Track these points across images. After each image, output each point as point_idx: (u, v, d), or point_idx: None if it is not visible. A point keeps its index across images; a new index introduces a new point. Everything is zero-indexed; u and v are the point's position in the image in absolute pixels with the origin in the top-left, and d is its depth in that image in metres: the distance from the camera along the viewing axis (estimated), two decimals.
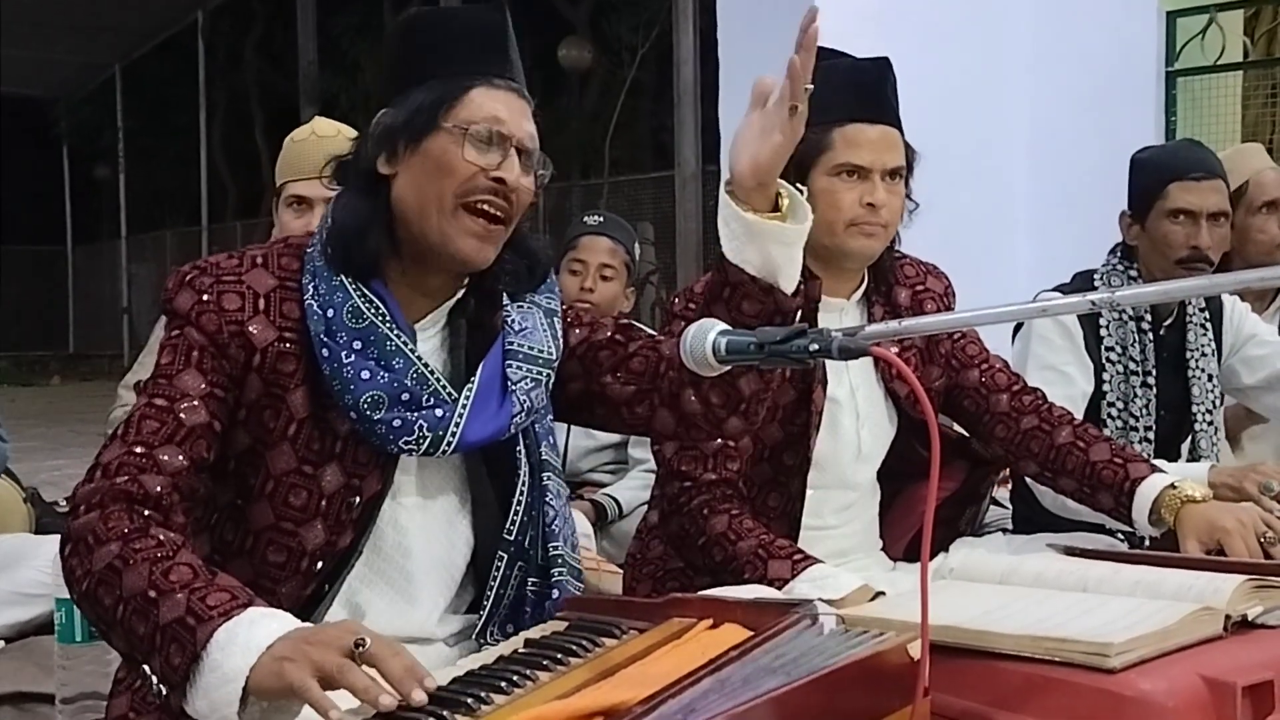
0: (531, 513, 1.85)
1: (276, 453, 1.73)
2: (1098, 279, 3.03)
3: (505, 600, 1.84)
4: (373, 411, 1.71)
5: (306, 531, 1.74)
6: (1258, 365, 3.13)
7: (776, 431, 2.38)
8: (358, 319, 1.73)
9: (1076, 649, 1.53)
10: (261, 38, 20.50)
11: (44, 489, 4.64)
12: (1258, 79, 5.91)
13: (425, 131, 1.74)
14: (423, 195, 1.74)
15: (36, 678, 3.09)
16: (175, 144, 21.40)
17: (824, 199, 2.34)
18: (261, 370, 1.72)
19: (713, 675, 1.38)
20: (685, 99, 11.39)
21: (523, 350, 1.82)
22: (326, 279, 1.75)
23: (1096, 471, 2.41)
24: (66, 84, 22.02)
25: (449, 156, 1.74)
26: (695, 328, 1.75)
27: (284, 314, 1.74)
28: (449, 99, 1.75)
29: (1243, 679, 1.51)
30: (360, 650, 1.39)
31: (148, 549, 1.54)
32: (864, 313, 2.49)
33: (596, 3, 17.42)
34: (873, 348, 1.62)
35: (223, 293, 1.73)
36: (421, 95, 1.75)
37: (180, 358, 1.71)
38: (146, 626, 1.48)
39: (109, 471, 1.63)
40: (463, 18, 1.81)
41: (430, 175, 1.74)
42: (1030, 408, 2.52)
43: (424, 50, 1.79)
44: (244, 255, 1.77)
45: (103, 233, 23.96)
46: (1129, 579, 1.79)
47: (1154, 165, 3.03)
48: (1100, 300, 2.07)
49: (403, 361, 1.73)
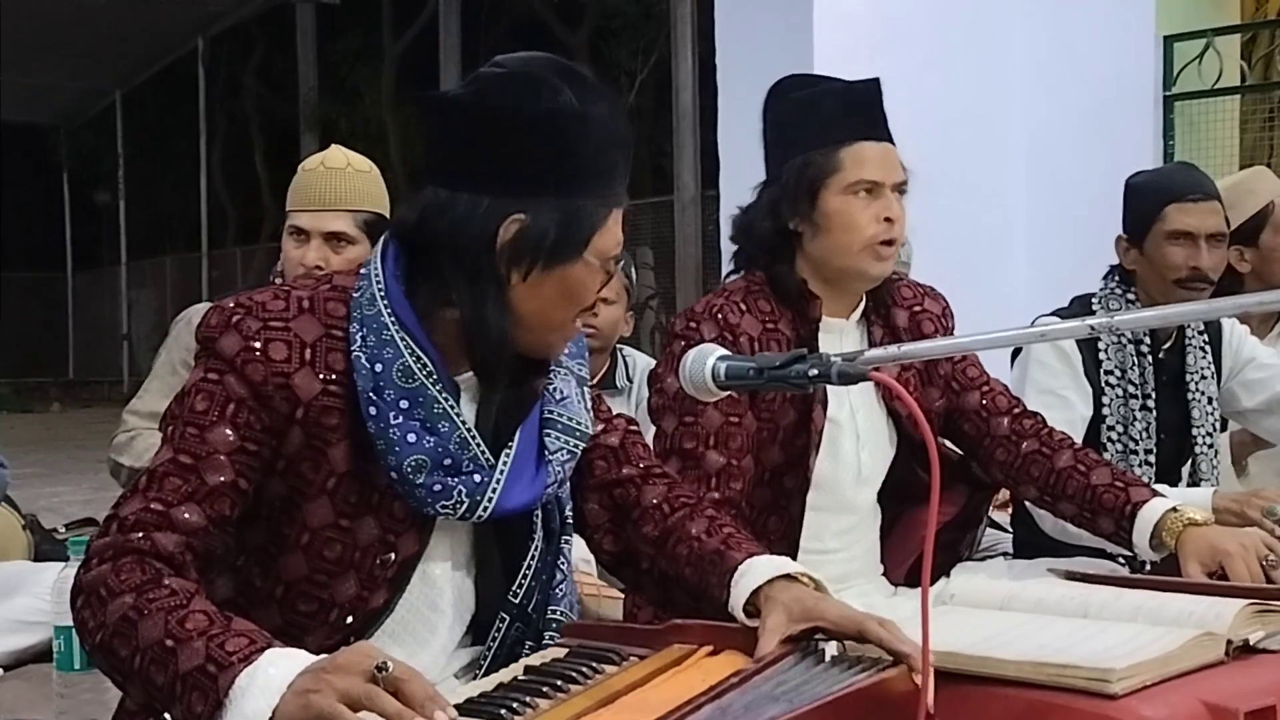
0: (541, 578, 1.83)
1: (314, 505, 1.70)
2: (1095, 303, 3.03)
3: (501, 660, 1.82)
4: (415, 475, 1.68)
5: (339, 584, 1.72)
6: (1257, 388, 3.13)
7: (777, 454, 2.38)
8: (408, 379, 1.68)
9: (1078, 675, 1.53)
10: (261, 64, 20.59)
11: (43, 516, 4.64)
12: (1255, 103, 5.93)
13: (569, 261, 1.68)
14: (548, 314, 1.70)
15: (35, 705, 3.09)
16: (175, 170, 21.49)
17: (839, 220, 2.33)
18: (305, 423, 1.68)
19: (713, 703, 1.37)
20: (684, 124, 11.44)
21: (561, 420, 1.79)
22: (376, 331, 1.68)
23: (1097, 496, 2.40)
24: (67, 110, 22.10)
25: (584, 289, 1.70)
26: (694, 353, 1.75)
27: (329, 365, 1.69)
28: (595, 230, 1.68)
29: (1245, 704, 1.50)
30: (383, 674, 1.39)
31: (161, 598, 1.52)
32: (864, 333, 2.48)
33: (595, 28, 17.51)
34: (872, 373, 1.62)
35: (270, 340, 1.67)
36: (565, 216, 1.66)
37: (216, 409, 1.65)
38: (165, 676, 1.48)
39: (125, 527, 1.60)
40: (602, 123, 1.69)
41: (561, 301, 1.70)
42: (1031, 431, 2.51)
43: (564, 155, 1.67)
44: (290, 297, 1.71)
45: (103, 259, 24.02)
46: (1130, 604, 1.79)
47: (1150, 189, 3.03)
48: (1099, 325, 2.06)
49: (448, 425, 1.69)
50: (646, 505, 1.89)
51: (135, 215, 22.23)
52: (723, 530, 1.83)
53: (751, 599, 1.66)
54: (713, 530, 1.83)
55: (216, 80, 20.16)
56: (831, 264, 2.36)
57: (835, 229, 2.32)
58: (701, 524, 1.84)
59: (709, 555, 1.78)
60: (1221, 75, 5.43)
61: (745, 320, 2.36)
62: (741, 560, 1.73)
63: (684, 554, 1.81)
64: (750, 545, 1.78)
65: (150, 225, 22.52)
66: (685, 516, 1.86)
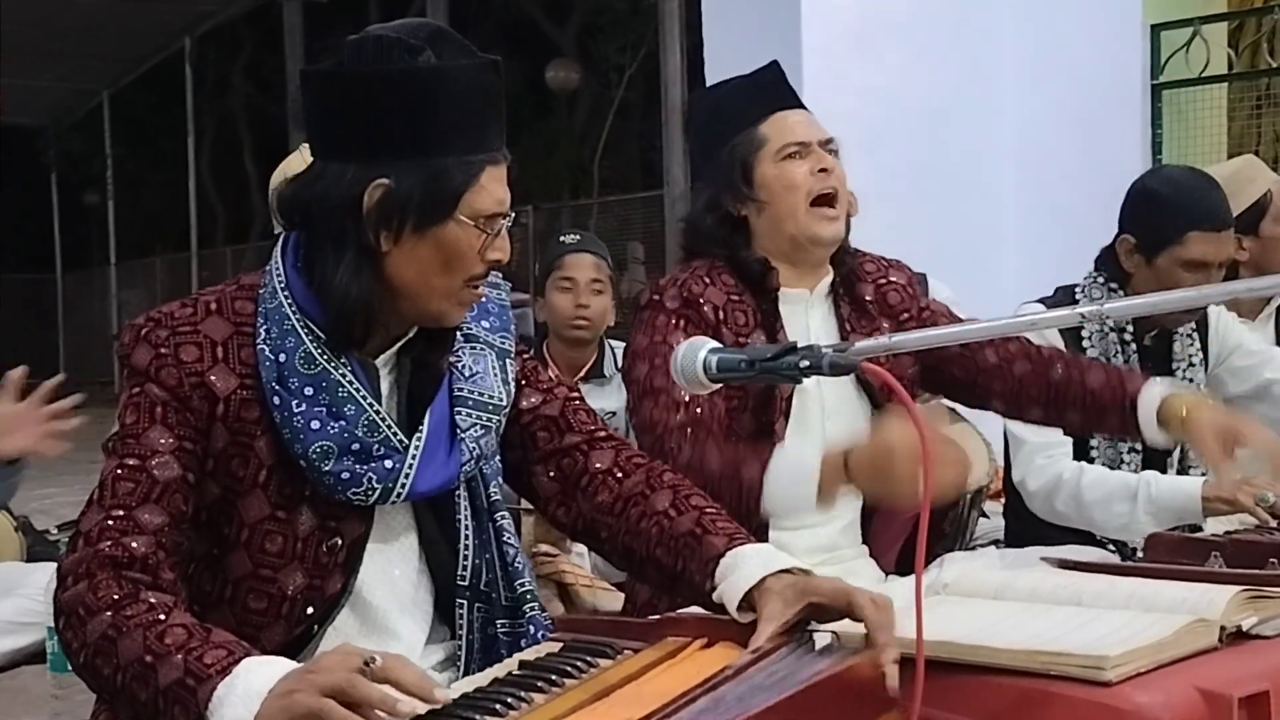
0: (485, 555, 1.83)
1: (248, 501, 1.71)
2: (1079, 293, 3.02)
3: (475, 645, 1.82)
4: (322, 462, 1.68)
5: (285, 577, 1.73)
6: (1245, 375, 3.12)
7: (749, 421, 2.38)
8: (310, 365, 1.69)
9: (1072, 663, 1.53)
10: (249, 63, 20.57)
11: (35, 518, 4.64)
12: (1242, 91, 5.93)
13: (439, 222, 1.66)
14: (427, 280, 1.69)
15: (29, 706, 3.08)
16: (164, 170, 21.44)
17: (778, 184, 2.39)
18: (226, 419, 1.69)
19: (708, 694, 1.37)
20: (673, 118, 11.42)
21: (472, 397, 1.78)
22: (278, 322, 1.70)
23: (1097, 397, 2.45)
24: (55, 111, 22.02)
25: (462, 250, 1.68)
26: (685, 346, 1.75)
27: (243, 360, 1.70)
28: (465, 188, 1.66)
29: (1238, 690, 1.50)
30: (371, 667, 1.39)
31: (139, 614, 1.53)
32: (831, 308, 2.49)
33: (583, 24, 17.49)
34: (864, 364, 1.62)
35: (180, 344, 1.69)
36: (429, 176, 1.65)
37: (144, 415, 1.67)
38: (148, 692, 1.48)
39: (91, 539, 1.61)
40: (463, 80, 1.67)
41: (440, 265, 1.68)
42: (1019, 354, 2.51)
43: (423, 115, 1.65)
44: (197, 302, 1.73)
45: (92, 259, 23.96)
46: (1123, 592, 1.79)
47: (1173, 207, 2.90)
48: (1089, 313, 2.07)
49: (354, 409, 1.70)
50: (594, 471, 1.85)
51: (124, 215, 22.16)
52: (691, 504, 1.77)
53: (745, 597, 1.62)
54: (680, 505, 1.77)
55: (204, 80, 20.11)
56: (783, 233, 2.40)
57: (776, 195, 2.39)
58: (665, 497, 1.79)
59: (683, 538, 1.73)
60: (1209, 63, 5.44)
61: (709, 291, 2.39)
62: (723, 549, 1.68)
63: (653, 532, 1.76)
64: (726, 525, 1.73)
65: (140, 225, 22.48)
66: (643, 484, 1.81)
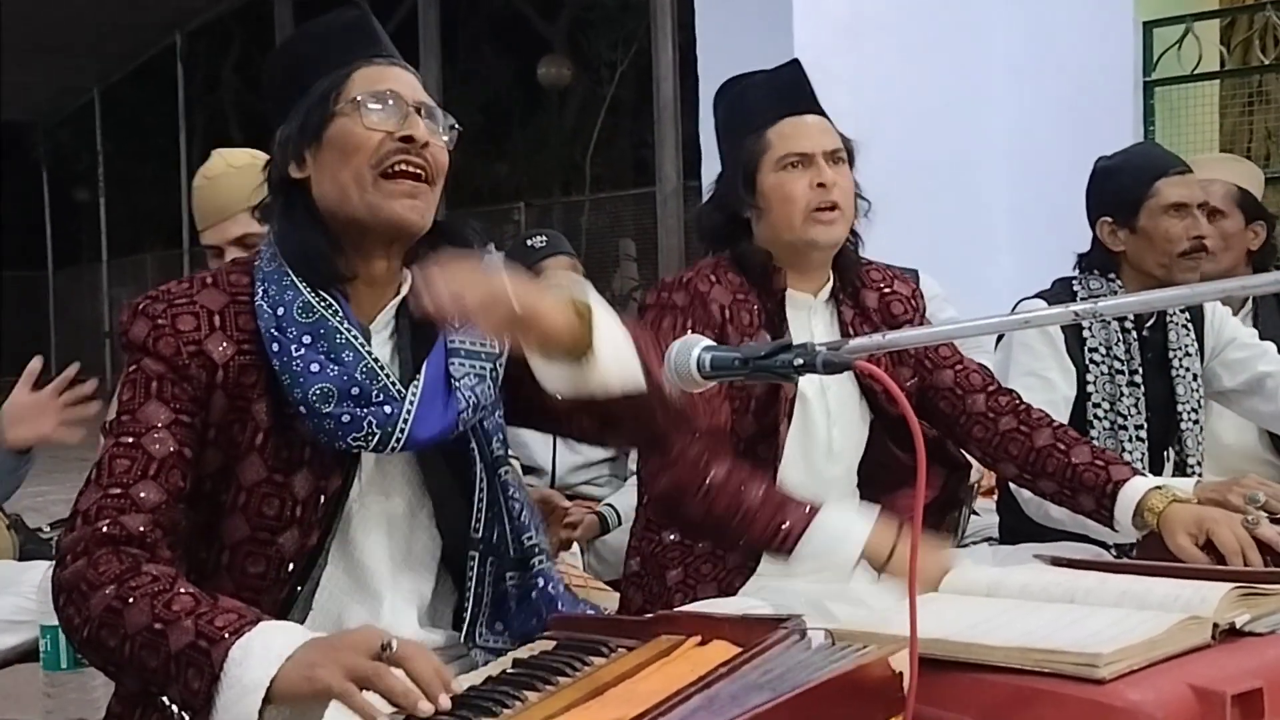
0: (494, 508, 1.85)
1: (246, 464, 1.73)
2: (1077, 284, 3.03)
3: (485, 599, 1.84)
4: (322, 405, 1.70)
5: (284, 540, 1.74)
6: (1238, 368, 3.13)
7: (751, 423, 2.39)
8: (308, 313, 1.73)
9: (1065, 660, 1.53)
10: (240, 59, 20.50)
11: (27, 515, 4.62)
12: (1234, 87, 5.94)
13: (322, 123, 1.75)
14: (340, 181, 1.75)
15: (22, 705, 3.08)
16: (155, 166, 21.36)
17: (776, 195, 2.41)
18: (226, 386, 1.72)
19: (702, 693, 1.37)
20: (665, 115, 11.41)
21: (464, 347, 1.82)
22: (277, 281, 1.74)
23: (1078, 474, 2.40)
24: (45, 108, 21.98)
25: (352, 133, 1.75)
26: (679, 344, 1.75)
27: (240, 326, 1.74)
28: (335, 87, 1.76)
29: (1231, 688, 1.51)
30: (388, 652, 1.39)
31: (144, 585, 1.54)
32: (833, 313, 2.50)
33: (574, 20, 17.47)
34: (858, 362, 1.62)
35: (176, 315, 1.72)
36: (307, 105, 1.77)
37: (140, 391, 1.69)
38: (158, 659, 1.49)
39: (89, 518, 1.62)
40: (325, 21, 1.84)
41: (341, 159, 1.74)
42: (1008, 408, 2.51)
43: (301, 62, 1.82)
44: (194, 279, 1.77)
45: (84, 256, 23.92)
46: (1116, 589, 1.79)
47: (1133, 167, 3.03)
48: (1084, 311, 2.07)
49: (353, 355, 1.72)
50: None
51: (116, 212, 22.11)
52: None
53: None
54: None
55: (195, 76, 20.03)
56: (781, 240, 2.42)
57: (774, 205, 2.41)
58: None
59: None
60: (1201, 60, 5.45)
61: (716, 290, 2.40)
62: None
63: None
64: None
65: (131, 222, 22.40)
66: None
